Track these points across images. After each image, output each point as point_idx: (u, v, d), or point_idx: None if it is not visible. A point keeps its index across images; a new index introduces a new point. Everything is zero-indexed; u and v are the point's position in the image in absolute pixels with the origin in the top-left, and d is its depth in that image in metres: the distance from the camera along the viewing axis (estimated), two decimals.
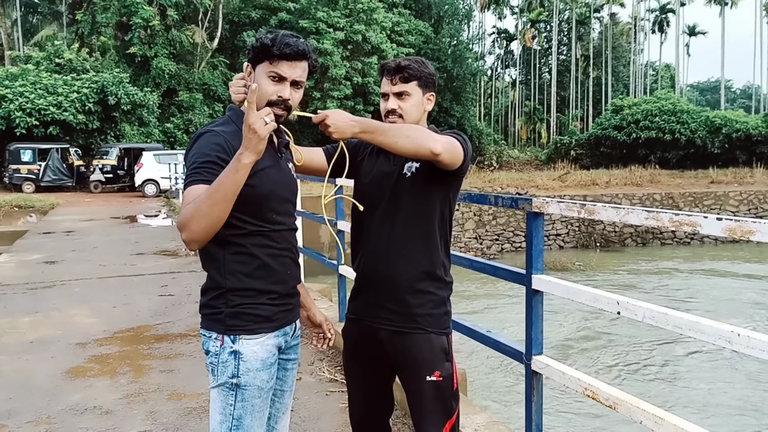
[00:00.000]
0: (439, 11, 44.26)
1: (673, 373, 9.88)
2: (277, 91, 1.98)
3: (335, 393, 4.23)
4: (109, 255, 10.21)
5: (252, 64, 2.04)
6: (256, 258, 1.97)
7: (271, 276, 2.00)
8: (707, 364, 10.19)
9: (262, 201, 1.98)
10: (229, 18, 37.60)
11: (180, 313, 6.46)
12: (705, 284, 17.78)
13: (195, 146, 1.94)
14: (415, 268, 2.23)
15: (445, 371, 2.23)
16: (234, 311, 1.96)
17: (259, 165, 1.95)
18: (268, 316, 2.01)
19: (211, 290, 2.01)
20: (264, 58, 1.98)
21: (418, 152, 2.08)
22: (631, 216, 2.18)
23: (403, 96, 2.27)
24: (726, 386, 9.25)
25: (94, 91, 26.80)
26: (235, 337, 1.96)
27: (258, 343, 1.98)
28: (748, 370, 9.65)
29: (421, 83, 2.28)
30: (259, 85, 1.98)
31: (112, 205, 20.40)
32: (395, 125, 2.17)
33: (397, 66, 2.29)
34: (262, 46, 1.97)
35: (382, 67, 2.34)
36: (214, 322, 1.99)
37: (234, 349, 1.96)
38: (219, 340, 1.97)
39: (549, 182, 29.56)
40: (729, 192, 27.61)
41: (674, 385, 9.35)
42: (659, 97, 41.18)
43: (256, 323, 1.98)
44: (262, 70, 1.99)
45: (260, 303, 1.99)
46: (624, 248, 25.18)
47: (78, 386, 4.49)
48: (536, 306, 2.74)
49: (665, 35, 68.98)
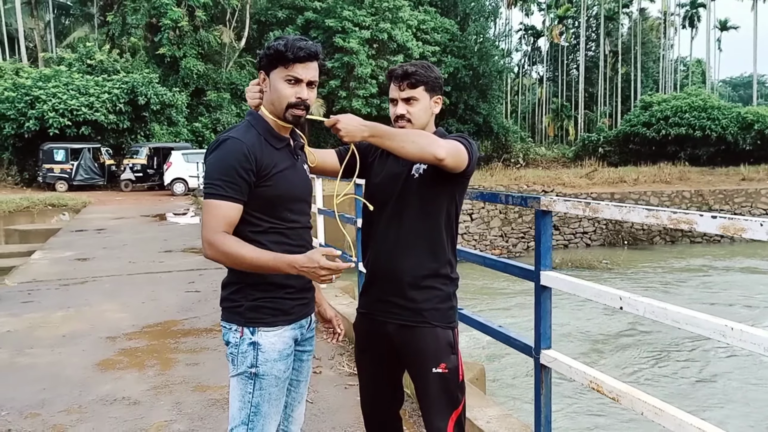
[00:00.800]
0: (465, 8, 44.09)
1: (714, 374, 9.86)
2: (296, 93, 2.09)
3: (354, 387, 4.32)
4: (138, 252, 10.47)
5: (265, 70, 2.13)
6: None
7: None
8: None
9: (278, 201, 2.10)
10: (257, 18, 37.95)
11: (206, 309, 6.63)
12: (745, 281, 17.59)
13: (217, 153, 2.04)
14: (422, 264, 2.33)
15: (451, 363, 2.32)
16: (253, 304, 2.08)
17: (278, 167, 2.09)
18: (286, 309, 2.13)
19: (232, 285, 2.13)
20: (278, 64, 2.08)
21: (423, 157, 2.18)
22: (633, 214, 2.25)
23: (411, 101, 2.36)
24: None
25: (125, 91, 27.30)
26: (254, 329, 2.08)
27: (276, 334, 2.10)
28: None
29: (428, 87, 2.37)
30: (277, 89, 2.09)
31: (142, 204, 20.80)
32: (403, 130, 2.26)
33: (404, 72, 2.38)
34: (276, 52, 2.07)
35: (390, 73, 2.44)
36: (234, 315, 2.11)
37: (253, 340, 2.08)
38: (239, 331, 2.10)
39: (576, 180, 29.35)
40: (760, 189, 27.20)
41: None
42: (689, 93, 40.56)
43: (273, 316, 2.10)
44: (277, 75, 2.09)
45: (278, 297, 2.11)
46: (652, 246, 24.95)
47: (108, 378, 4.67)
48: (545, 301, 2.82)
49: (696, 30, 67.91)
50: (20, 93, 26.19)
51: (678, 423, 2.08)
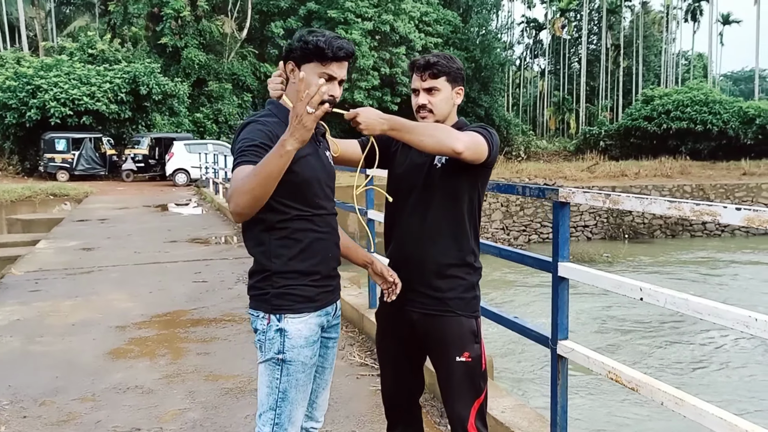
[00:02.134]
0: (468, 1, 43.99)
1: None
2: (328, 90, 2.10)
3: (365, 377, 4.38)
4: (143, 242, 10.49)
5: (297, 62, 2.12)
6: (300, 242, 2.11)
7: (314, 258, 2.14)
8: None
9: (304, 187, 2.12)
10: (258, 8, 37.81)
11: (214, 299, 6.66)
12: (749, 272, 17.64)
13: (242, 134, 2.08)
14: (446, 254, 2.35)
15: (474, 352, 2.35)
16: (279, 292, 2.10)
17: (300, 152, 2.09)
18: (311, 296, 2.16)
19: (258, 273, 2.15)
20: (314, 59, 2.09)
21: (442, 150, 2.20)
22: (654, 206, 2.27)
23: (432, 91, 2.38)
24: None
25: (126, 81, 27.23)
26: (281, 316, 2.11)
27: (302, 321, 2.13)
28: None
29: (450, 78, 2.38)
30: (310, 84, 2.10)
31: (144, 194, 20.80)
32: (422, 124, 2.28)
33: (426, 63, 2.39)
34: (316, 48, 2.08)
35: (413, 63, 2.45)
36: (261, 302, 2.14)
37: (280, 327, 2.11)
38: (266, 318, 2.12)
39: (577, 173, 29.36)
40: (761, 184, 27.18)
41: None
42: (691, 88, 40.53)
43: (300, 303, 2.13)
44: (311, 69, 2.09)
45: (303, 284, 2.13)
46: (653, 240, 24.96)
47: (120, 367, 4.70)
48: (562, 293, 2.84)
49: (698, 24, 67.73)
50: (21, 82, 26.11)
51: (698, 412, 2.11)
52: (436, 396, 3.82)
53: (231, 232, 11.69)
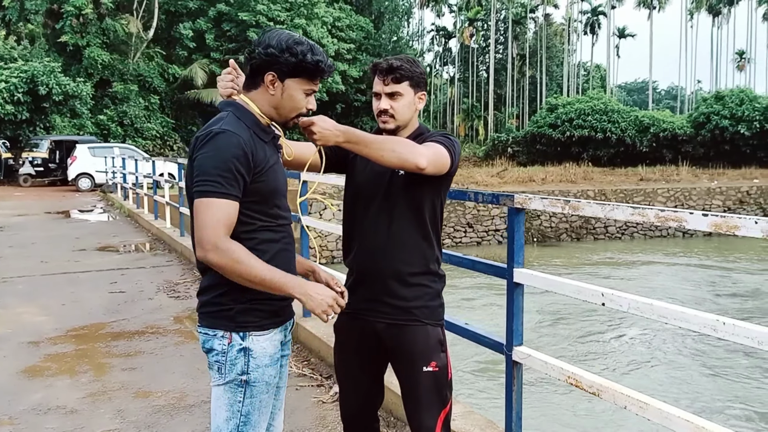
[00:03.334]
0: (380, 7, 44.37)
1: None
2: (308, 103, 2.04)
3: (305, 387, 4.26)
4: (50, 251, 9.88)
5: (280, 75, 1.98)
6: (265, 253, 1.98)
7: (279, 269, 2.03)
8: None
9: (271, 196, 2.02)
10: (166, 8, 36.68)
11: (134, 310, 6.34)
12: (649, 273, 18.55)
13: (211, 146, 1.89)
14: (411, 262, 2.30)
15: (441, 362, 2.31)
16: (245, 307, 1.97)
17: (270, 161, 2.00)
18: (276, 311, 2.04)
19: (216, 287, 1.99)
20: (304, 75, 1.99)
21: (404, 166, 2.13)
22: (617, 212, 2.30)
23: (395, 96, 2.32)
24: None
25: (24, 80, 25.70)
26: (245, 334, 1.98)
27: (267, 338, 2.01)
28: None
29: (413, 83, 2.33)
30: (295, 99, 2.01)
31: (45, 200, 19.67)
32: (380, 138, 2.19)
33: (389, 66, 2.33)
34: (315, 66, 1.98)
35: (374, 66, 2.39)
36: (220, 320, 1.98)
37: (243, 345, 1.97)
38: (226, 338, 1.97)
39: (488, 178, 30.07)
40: (657, 189, 28.76)
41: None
42: (592, 97, 42.39)
43: (265, 319, 2.01)
44: (297, 84, 1.99)
45: (268, 298, 2.00)
46: (560, 243, 25.92)
47: (37, 386, 4.37)
48: (517, 298, 2.85)
49: (596, 37, 71.16)
50: None
51: (664, 416, 2.15)
52: (383, 407, 3.76)
53: (144, 239, 11.22)
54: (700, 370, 9.52)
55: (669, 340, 10.77)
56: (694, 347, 10.36)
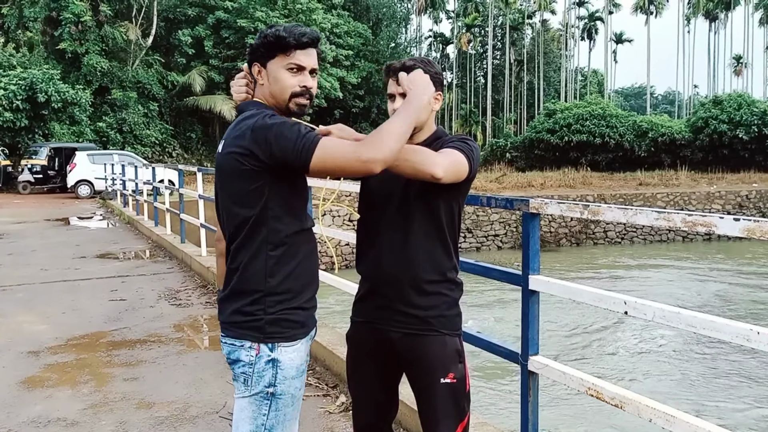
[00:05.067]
0: (378, 14, 44.40)
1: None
2: (299, 81, 1.96)
3: (311, 398, 4.17)
4: (49, 259, 9.78)
5: (262, 62, 1.98)
6: (294, 257, 1.94)
7: (306, 276, 1.98)
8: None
9: (303, 200, 2.00)
10: (165, 15, 36.65)
11: (135, 319, 6.24)
12: (655, 276, 18.46)
13: (275, 127, 1.83)
14: (428, 270, 2.22)
15: (459, 373, 2.22)
16: (274, 318, 1.90)
17: None
18: (303, 321, 1.98)
19: (245, 294, 1.92)
20: (278, 52, 1.94)
21: (419, 176, 2.05)
22: (640, 217, 2.22)
23: None
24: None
25: (22, 87, 25.61)
26: (274, 345, 1.91)
27: (295, 350, 1.95)
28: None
29: None
30: (279, 79, 1.96)
31: (45, 207, 19.56)
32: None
33: (402, 66, 2.25)
34: (276, 38, 1.93)
35: (388, 68, 2.31)
36: (248, 330, 1.91)
37: (272, 357, 1.91)
38: (254, 348, 1.91)
39: (486, 184, 30.05)
40: (656, 194, 28.71)
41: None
42: (589, 102, 42.45)
43: (293, 329, 1.95)
44: (278, 64, 1.95)
45: (296, 307, 1.95)
46: (559, 248, 25.83)
47: (37, 397, 4.28)
48: (533, 306, 2.77)
49: (594, 42, 71.34)
50: None
51: (693, 430, 2.07)
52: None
53: (145, 246, 11.13)
54: (715, 374, 9.39)
55: (677, 342, 10.67)
56: (704, 351, 10.25)
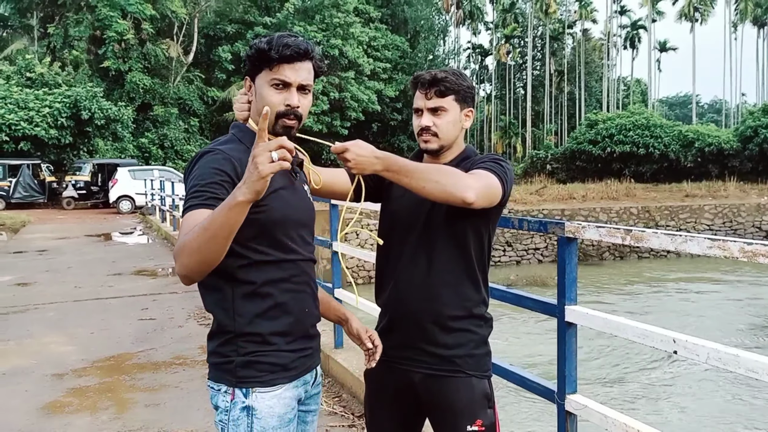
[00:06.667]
0: (416, 26, 44.37)
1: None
2: (284, 99, 1.73)
3: (336, 428, 3.96)
4: (84, 276, 9.81)
5: (251, 76, 1.79)
6: (269, 295, 1.71)
7: (287, 316, 1.74)
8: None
9: (274, 227, 1.72)
10: (205, 32, 37.25)
11: (163, 339, 6.13)
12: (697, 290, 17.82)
13: (195, 168, 1.70)
14: (454, 304, 1.99)
15: (488, 419, 1.99)
16: (245, 359, 1.69)
17: (271, 186, 1.68)
18: (285, 364, 1.74)
19: (219, 335, 1.73)
20: (263, 66, 1.74)
21: (449, 200, 1.83)
22: (691, 245, 1.96)
23: (438, 112, 2.02)
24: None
25: (67, 105, 26.22)
26: (248, 390, 1.69)
27: (274, 396, 1.72)
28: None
29: (459, 98, 2.04)
30: (263, 96, 1.74)
31: (86, 222, 19.87)
32: (424, 165, 1.88)
33: (432, 78, 2.03)
34: (257, 51, 1.73)
35: (416, 79, 2.10)
36: (223, 373, 1.72)
37: (246, 404, 1.69)
38: (229, 393, 1.70)
39: (526, 196, 29.53)
40: (704, 205, 27.85)
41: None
42: (633, 112, 41.58)
43: (271, 373, 1.72)
44: (263, 79, 1.75)
45: (275, 349, 1.72)
46: (602, 262, 25.19)
47: (55, 425, 4.15)
48: (569, 340, 2.52)
49: (637, 51, 70.08)
50: None
51: None
52: None
53: None
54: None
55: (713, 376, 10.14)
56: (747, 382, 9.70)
